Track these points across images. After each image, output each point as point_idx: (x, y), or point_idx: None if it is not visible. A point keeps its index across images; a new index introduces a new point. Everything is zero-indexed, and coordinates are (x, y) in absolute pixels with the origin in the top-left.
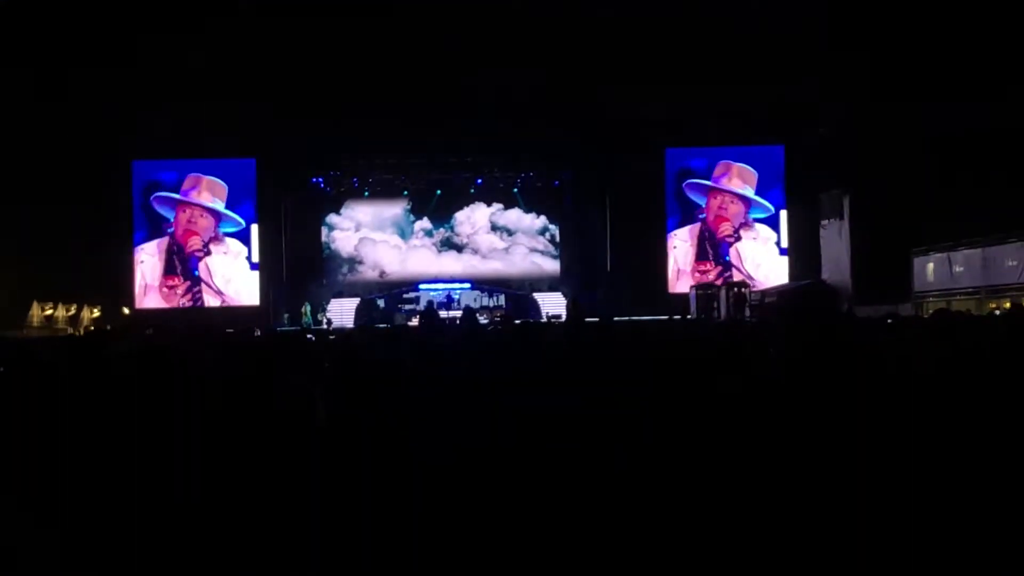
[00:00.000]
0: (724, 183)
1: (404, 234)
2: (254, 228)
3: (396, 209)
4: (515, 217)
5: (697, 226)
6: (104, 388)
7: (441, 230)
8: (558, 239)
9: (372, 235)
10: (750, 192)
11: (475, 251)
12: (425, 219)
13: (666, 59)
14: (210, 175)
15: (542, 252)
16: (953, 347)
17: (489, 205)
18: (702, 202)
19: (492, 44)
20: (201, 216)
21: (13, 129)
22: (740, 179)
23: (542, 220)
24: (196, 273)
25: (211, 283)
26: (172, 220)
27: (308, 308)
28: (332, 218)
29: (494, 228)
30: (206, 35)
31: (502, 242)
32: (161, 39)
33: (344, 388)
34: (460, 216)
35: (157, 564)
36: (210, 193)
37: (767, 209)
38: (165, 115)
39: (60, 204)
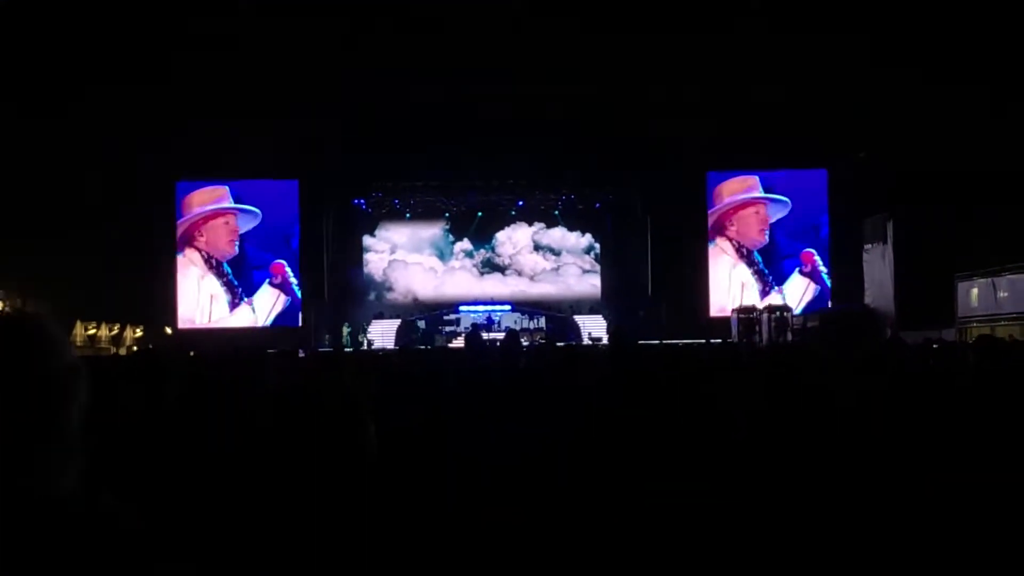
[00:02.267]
0: (728, 199)
1: (443, 255)
2: (296, 248)
3: (435, 229)
4: (559, 236)
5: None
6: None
7: (482, 251)
8: (599, 255)
9: (407, 257)
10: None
11: (519, 272)
12: (465, 240)
13: (708, 83)
14: (252, 196)
15: (591, 271)
16: (998, 373)
17: (531, 225)
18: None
19: (535, 67)
20: (224, 222)
21: (56, 150)
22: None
23: (587, 238)
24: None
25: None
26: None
27: (348, 330)
28: (367, 240)
29: (537, 248)
30: (249, 55)
31: (547, 262)
32: (203, 59)
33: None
34: (501, 236)
35: None
36: (207, 197)
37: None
38: (208, 136)
39: (103, 224)
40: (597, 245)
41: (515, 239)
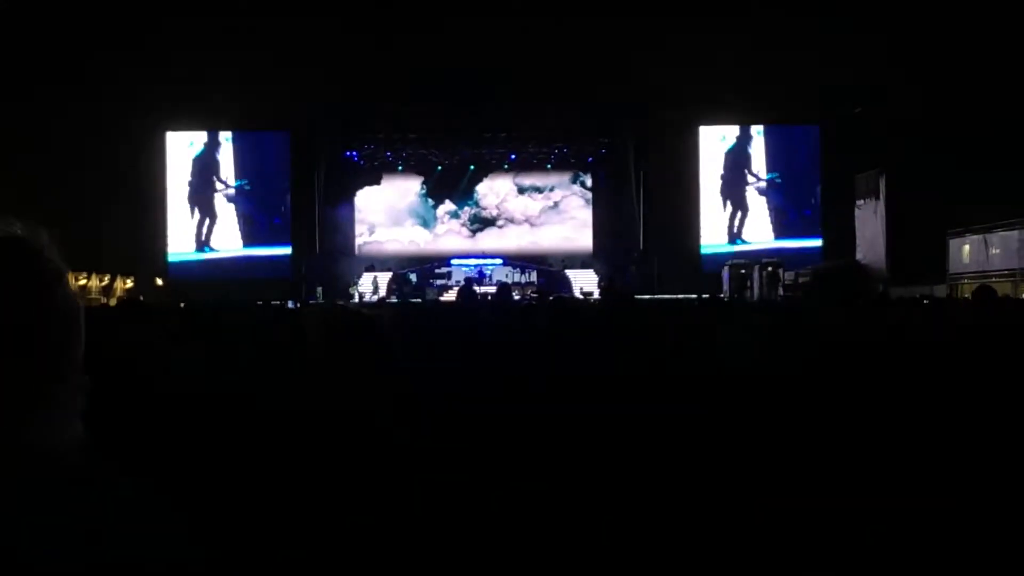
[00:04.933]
0: None
1: (427, 223)
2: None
3: (411, 197)
4: (540, 176)
5: None
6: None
7: (467, 208)
8: (589, 184)
9: (386, 235)
10: None
11: (511, 220)
12: (447, 202)
13: (703, 36)
14: (244, 147)
15: (584, 200)
16: (995, 326)
17: (508, 171)
18: None
19: (529, 19)
20: None
21: (48, 99)
22: None
23: (569, 172)
24: None
25: None
26: None
27: (376, 280)
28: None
29: (521, 191)
30: (242, 5)
31: (535, 202)
32: (195, 6)
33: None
34: (482, 189)
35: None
36: None
37: None
38: (200, 86)
39: (94, 174)
40: (583, 175)
41: (496, 188)
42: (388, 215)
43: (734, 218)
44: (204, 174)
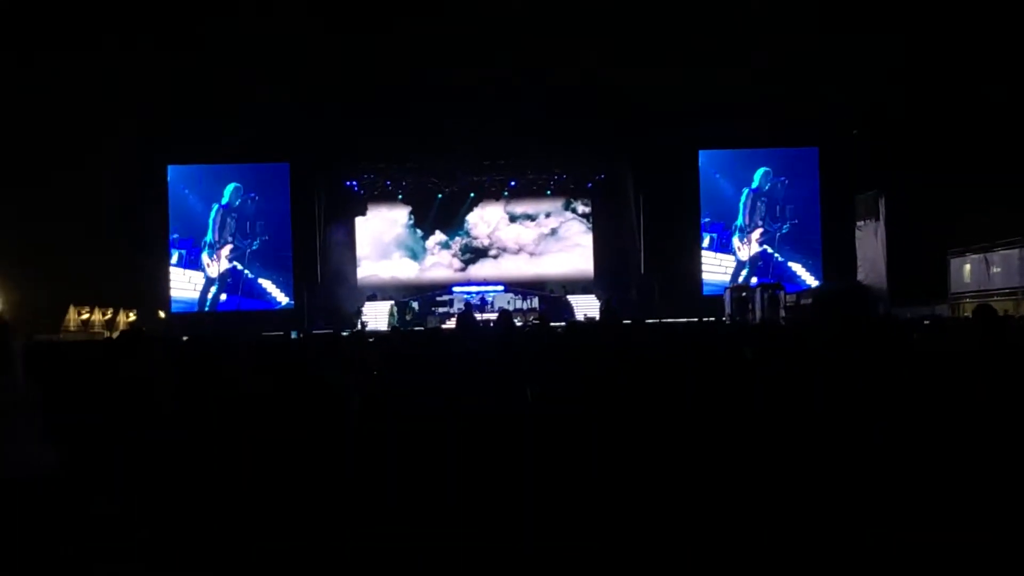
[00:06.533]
0: None
1: (416, 255)
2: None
3: (398, 229)
4: (531, 203)
5: None
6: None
7: (458, 238)
8: (579, 210)
9: (371, 267)
10: None
11: (504, 249)
12: (437, 232)
13: (701, 61)
14: (244, 179)
15: (585, 226)
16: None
17: (497, 200)
18: None
19: (526, 48)
20: None
21: (50, 135)
22: None
23: (561, 199)
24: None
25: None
26: None
27: (395, 308)
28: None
29: (513, 219)
30: (239, 38)
31: (527, 230)
32: (194, 40)
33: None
34: (471, 219)
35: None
36: None
37: None
38: (201, 120)
39: (96, 208)
40: (576, 202)
41: (487, 217)
42: (375, 248)
43: (744, 266)
44: (222, 232)
